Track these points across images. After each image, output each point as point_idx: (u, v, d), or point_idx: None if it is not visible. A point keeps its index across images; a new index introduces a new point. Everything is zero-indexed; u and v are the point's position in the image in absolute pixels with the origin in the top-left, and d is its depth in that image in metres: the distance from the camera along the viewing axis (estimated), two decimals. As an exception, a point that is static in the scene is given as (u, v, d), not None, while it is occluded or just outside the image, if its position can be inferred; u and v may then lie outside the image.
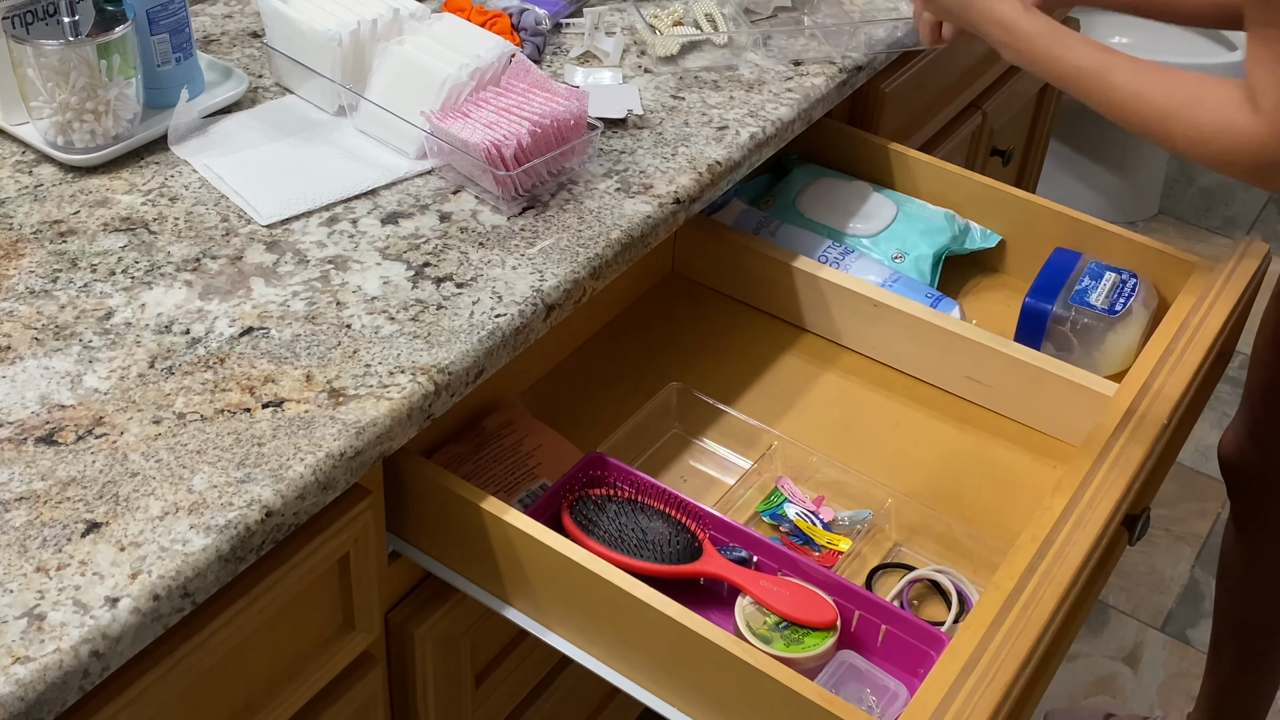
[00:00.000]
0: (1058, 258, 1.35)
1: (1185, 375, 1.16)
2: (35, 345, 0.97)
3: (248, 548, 0.85)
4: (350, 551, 0.98)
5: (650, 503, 1.07)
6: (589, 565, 0.97)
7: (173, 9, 1.19)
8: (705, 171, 1.22)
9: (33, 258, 1.05)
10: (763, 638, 0.99)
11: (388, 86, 1.20)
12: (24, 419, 0.91)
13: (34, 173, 1.15)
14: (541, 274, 1.08)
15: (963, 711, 0.87)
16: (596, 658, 1.01)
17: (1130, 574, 2.19)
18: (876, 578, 1.12)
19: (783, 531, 1.13)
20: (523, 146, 1.12)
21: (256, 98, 1.28)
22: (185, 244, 1.08)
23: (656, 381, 1.27)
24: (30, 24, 1.12)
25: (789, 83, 1.37)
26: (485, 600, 1.06)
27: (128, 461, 0.88)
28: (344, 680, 1.05)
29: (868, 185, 1.47)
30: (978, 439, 1.25)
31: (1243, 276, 1.28)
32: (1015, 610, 0.94)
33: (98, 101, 1.13)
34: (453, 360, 0.99)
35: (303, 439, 0.90)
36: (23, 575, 0.80)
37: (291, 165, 1.18)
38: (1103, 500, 1.03)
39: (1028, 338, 1.31)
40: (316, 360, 0.97)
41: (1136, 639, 2.08)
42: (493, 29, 1.33)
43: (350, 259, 1.08)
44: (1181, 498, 2.35)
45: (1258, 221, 3.12)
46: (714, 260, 1.39)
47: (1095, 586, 1.14)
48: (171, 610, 0.81)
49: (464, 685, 1.19)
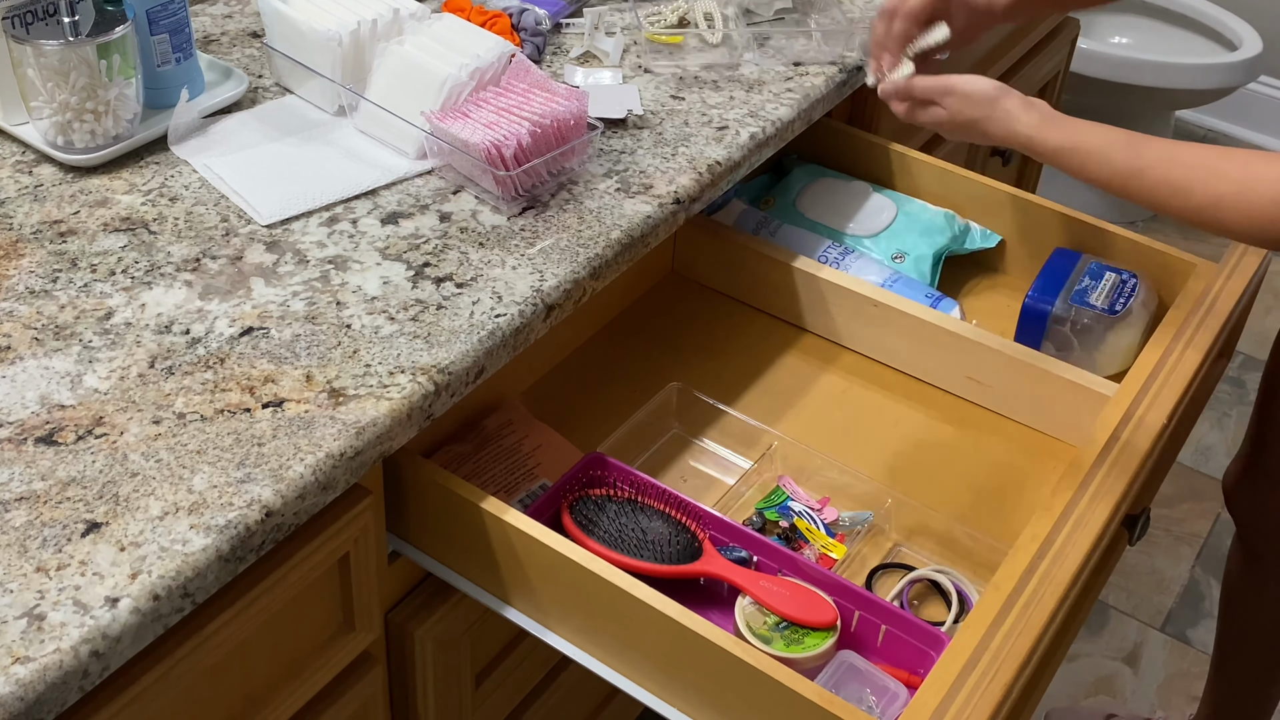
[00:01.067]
0: (1058, 258, 1.35)
1: (1185, 375, 1.16)
2: (35, 345, 0.97)
3: (248, 548, 0.85)
4: (350, 551, 0.98)
5: (650, 503, 1.07)
6: (589, 565, 0.97)
7: (173, 9, 1.19)
8: (705, 171, 1.22)
9: (33, 258, 1.05)
10: (763, 638, 0.99)
11: (388, 86, 1.20)
12: (24, 419, 0.91)
13: (34, 173, 1.15)
14: (541, 274, 1.08)
15: (963, 711, 0.87)
16: (596, 658, 1.01)
17: (1130, 574, 2.19)
18: (876, 578, 1.12)
19: (782, 527, 1.13)
20: (523, 146, 1.12)
21: (256, 98, 1.28)
22: (185, 244, 1.08)
23: (656, 381, 1.27)
24: (30, 24, 1.12)
25: (789, 83, 1.37)
26: (485, 600, 1.06)
27: (128, 461, 0.88)
28: (344, 680, 1.05)
29: (868, 185, 1.47)
30: (978, 439, 1.25)
31: (1243, 276, 1.28)
32: (1015, 610, 0.94)
33: (98, 101, 1.13)
34: (453, 360, 0.99)
35: (303, 439, 0.91)
36: (23, 575, 0.80)
37: (291, 165, 1.18)
38: (1103, 500, 1.03)
39: (1028, 338, 1.31)
40: (316, 360, 0.97)
41: (1136, 639, 2.08)
42: (493, 29, 1.33)
43: (350, 259, 1.08)
44: (1181, 498, 2.35)
45: (1258, 221, 3.11)
46: (714, 260, 1.39)
47: (1095, 586, 1.14)
48: (171, 610, 0.81)
49: (464, 685, 1.19)
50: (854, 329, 1.32)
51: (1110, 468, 1.06)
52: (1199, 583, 2.19)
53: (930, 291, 1.34)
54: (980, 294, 1.45)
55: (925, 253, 1.39)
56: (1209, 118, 3.42)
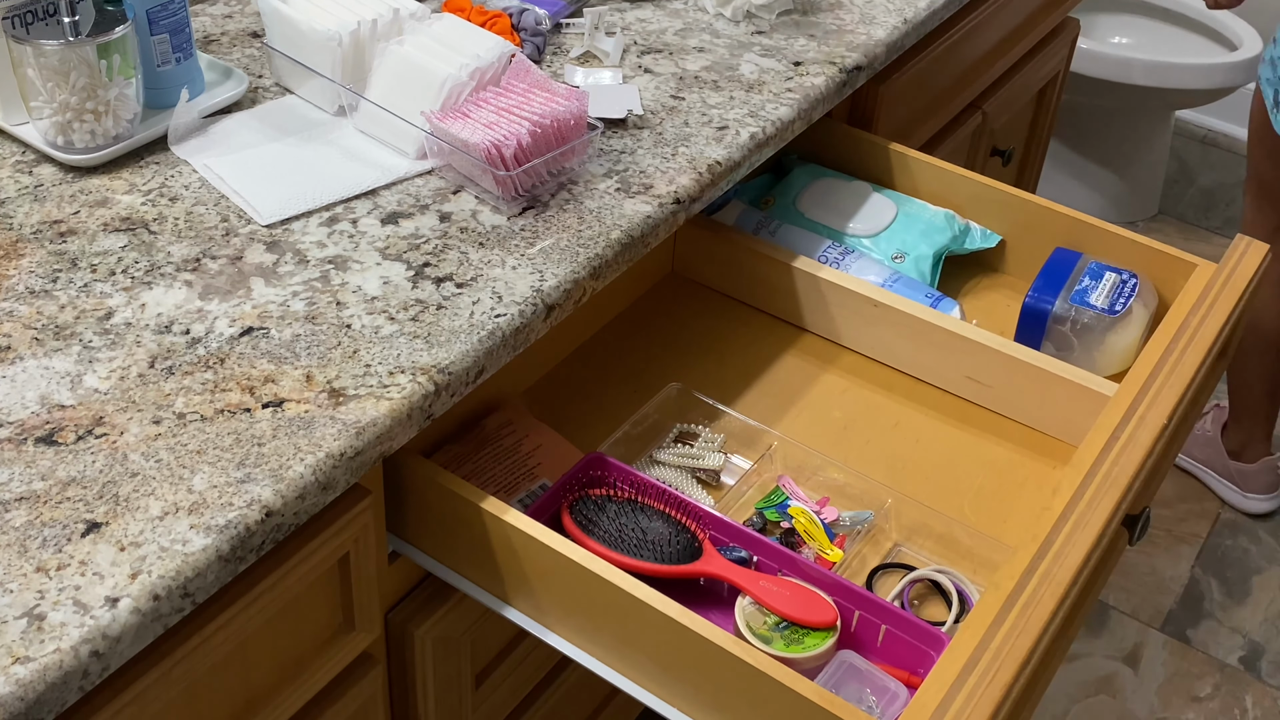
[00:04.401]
0: (1058, 258, 1.35)
1: (1185, 375, 1.16)
2: (35, 345, 0.97)
3: (248, 548, 0.85)
4: (350, 551, 0.98)
5: (650, 503, 1.07)
6: (589, 565, 0.97)
7: (173, 9, 1.19)
8: (705, 171, 1.22)
9: (33, 258, 1.05)
10: (763, 638, 0.99)
11: (388, 86, 1.20)
12: (24, 419, 0.91)
13: (34, 173, 1.15)
14: (541, 274, 1.08)
15: (963, 711, 0.87)
16: (596, 658, 1.01)
17: (1130, 574, 2.19)
18: (877, 578, 1.12)
19: (782, 528, 1.13)
20: (523, 146, 1.12)
21: (256, 98, 1.28)
22: (185, 244, 1.08)
23: (656, 381, 1.27)
24: (30, 24, 1.12)
25: (789, 83, 1.37)
26: (485, 600, 1.06)
27: (128, 461, 0.88)
28: (344, 680, 1.06)
29: (868, 185, 1.47)
30: (978, 439, 1.25)
31: (1243, 276, 1.28)
32: (1015, 610, 0.94)
33: (98, 101, 1.13)
34: (453, 360, 0.99)
35: (303, 439, 0.91)
36: (23, 575, 0.80)
37: (291, 165, 1.18)
38: (1103, 500, 1.03)
39: (1028, 338, 1.31)
40: (316, 360, 0.97)
41: (1136, 639, 2.08)
42: (493, 29, 1.33)
43: (350, 259, 1.08)
44: (1181, 498, 2.35)
45: (1258, 221, 3.11)
46: (714, 260, 1.39)
47: (1095, 586, 1.14)
48: (171, 610, 0.81)
49: (464, 685, 1.19)
50: (854, 329, 1.32)
51: (1110, 468, 1.06)
52: (1199, 583, 2.19)
53: (930, 291, 1.34)
54: (980, 294, 1.45)
55: (925, 253, 1.39)
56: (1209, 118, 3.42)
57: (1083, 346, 1.29)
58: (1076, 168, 3.01)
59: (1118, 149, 2.97)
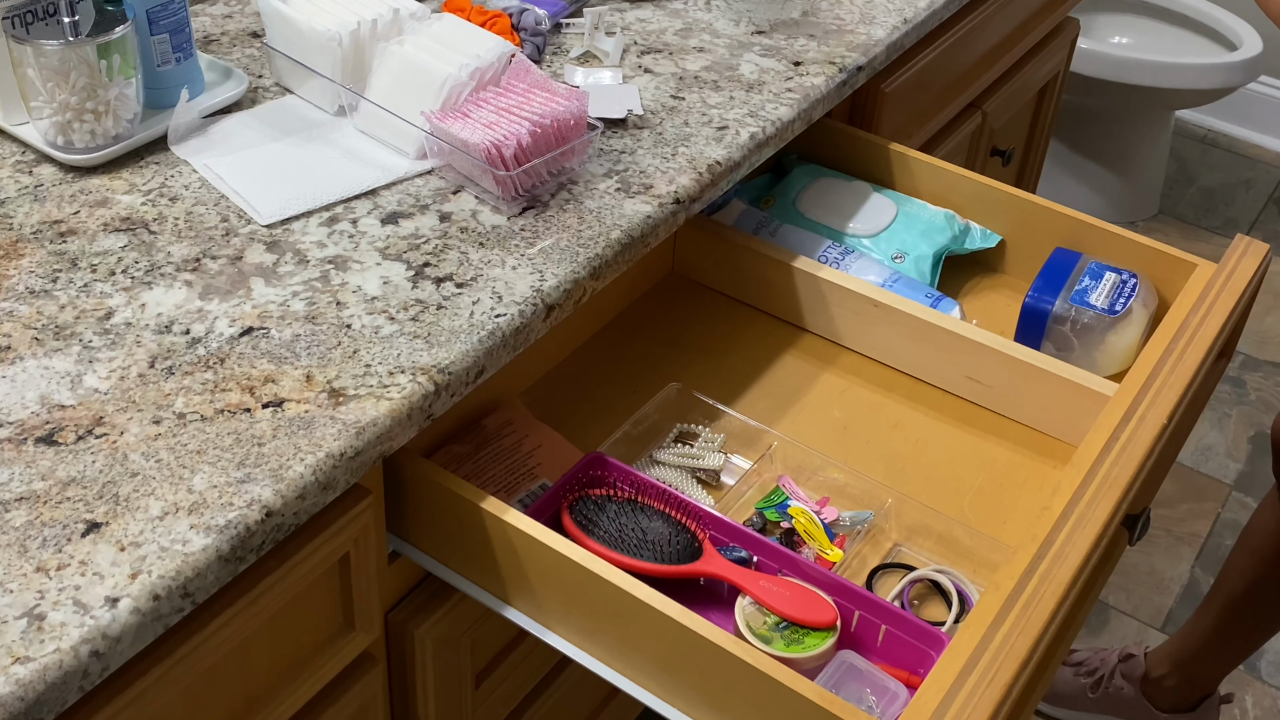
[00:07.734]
0: (1058, 258, 1.35)
1: (1185, 375, 1.16)
2: (35, 345, 0.97)
3: (248, 548, 0.85)
4: (350, 551, 0.98)
5: (650, 503, 1.07)
6: (589, 565, 0.97)
7: (173, 9, 1.19)
8: (705, 171, 1.22)
9: (33, 258, 1.05)
10: (763, 638, 0.99)
11: (388, 86, 1.20)
12: (24, 419, 0.91)
13: (34, 173, 1.15)
14: (541, 274, 1.08)
15: (963, 711, 0.87)
16: (596, 658, 1.01)
17: (1130, 574, 2.19)
18: (877, 578, 1.12)
19: (783, 528, 1.13)
20: (523, 146, 1.12)
21: (256, 98, 1.28)
22: (185, 244, 1.08)
23: (656, 381, 1.27)
24: (30, 24, 1.12)
25: (789, 83, 1.37)
26: (485, 600, 1.06)
27: (128, 461, 0.88)
28: (344, 680, 1.06)
29: (868, 185, 1.47)
30: (978, 439, 1.25)
31: (1243, 276, 1.28)
32: (1015, 610, 0.94)
33: (98, 101, 1.13)
34: (453, 360, 0.99)
35: (303, 439, 0.91)
36: (23, 575, 0.80)
37: (291, 165, 1.18)
38: (1103, 500, 1.03)
39: (1028, 338, 1.31)
40: (316, 360, 0.97)
41: (1136, 639, 2.08)
42: (493, 29, 1.33)
43: (350, 259, 1.08)
44: (1181, 498, 2.35)
45: (1258, 221, 3.12)
46: (714, 260, 1.39)
47: (1095, 586, 1.14)
48: (171, 610, 0.81)
49: (464, 685, 1.19)
50: (854, 329, 1.32)
51: (1110, 468, 1.06)
52: (1199, 583, 2.19)
53: (930, 291, 1.35)
54: (980, 294, 1.45)
55: (925, 253, 1.39)
56: (1209, 118, 3.43)
57: (1083, 346, 1.29)
58: (1076, 168, 3.01)
59: (1118, 149, 2.97)
